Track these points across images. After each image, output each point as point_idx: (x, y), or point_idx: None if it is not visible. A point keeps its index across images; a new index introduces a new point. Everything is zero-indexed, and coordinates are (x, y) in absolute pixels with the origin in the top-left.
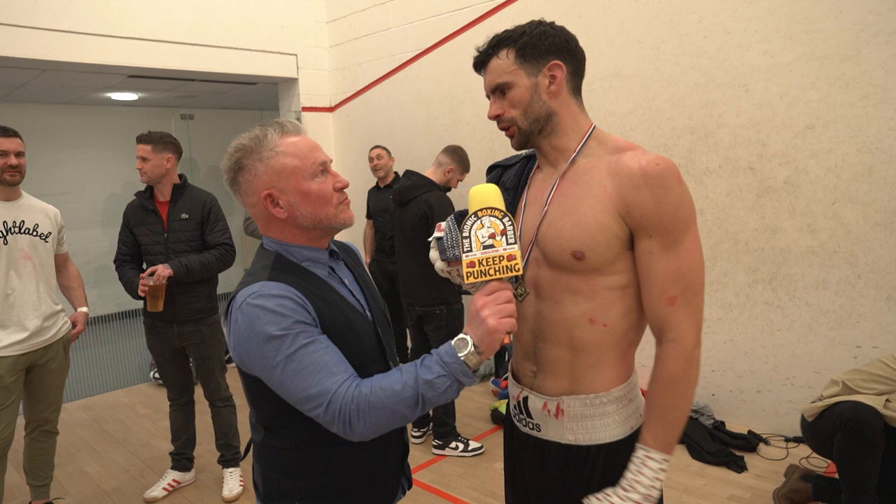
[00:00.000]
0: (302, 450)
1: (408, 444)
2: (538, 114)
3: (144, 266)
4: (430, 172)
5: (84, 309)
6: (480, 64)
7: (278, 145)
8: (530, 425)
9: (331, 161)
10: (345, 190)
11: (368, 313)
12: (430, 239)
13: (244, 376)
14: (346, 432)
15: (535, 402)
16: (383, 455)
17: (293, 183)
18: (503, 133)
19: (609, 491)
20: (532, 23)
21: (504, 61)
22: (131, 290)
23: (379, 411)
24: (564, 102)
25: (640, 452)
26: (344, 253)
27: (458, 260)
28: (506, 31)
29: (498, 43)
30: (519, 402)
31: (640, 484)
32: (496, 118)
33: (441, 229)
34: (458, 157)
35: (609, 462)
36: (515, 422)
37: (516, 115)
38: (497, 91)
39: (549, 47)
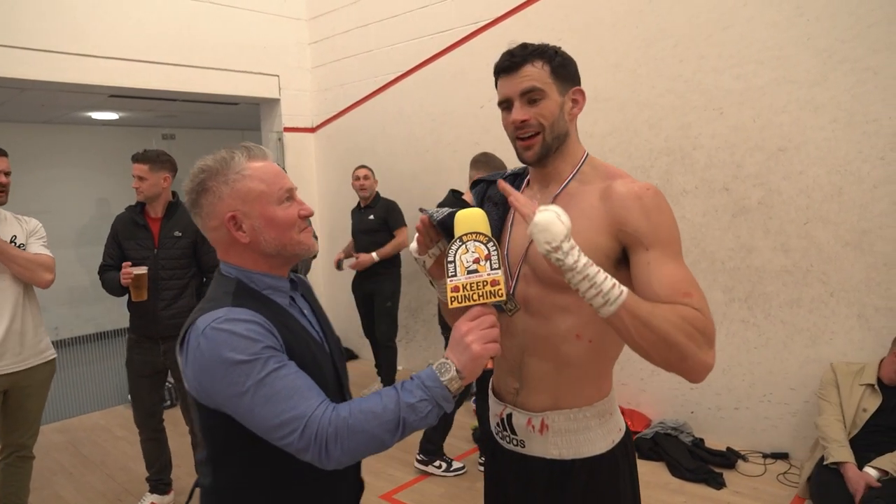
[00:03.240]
0: (250, 490)
1: (363, 482)
2: (560, 132)
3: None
4: (468, 193)
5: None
6: (514, 66)
7: (245, 168)
8: (514, 442)
9: (296, 189)
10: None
11: (326, 346)
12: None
13: (200, 409)
14: (321, 458)
15: (519, 419)
16: (338, 493)
17: (259, 208)
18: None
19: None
20: (554, 46)
21: (541, 71)
22: (114, 287)
23: (358, 435)
24: (574, 128)
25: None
26: (301, 286)
27: (436, 221)
28: (535, 44)
29: (534, 52)
30: (502, 420)
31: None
32: (522, 122)
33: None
34: (482, 164)
35: (592, 475)
36: (498, 439)
37: (546, 125)
38: (526, 97)
39: (574, 73)
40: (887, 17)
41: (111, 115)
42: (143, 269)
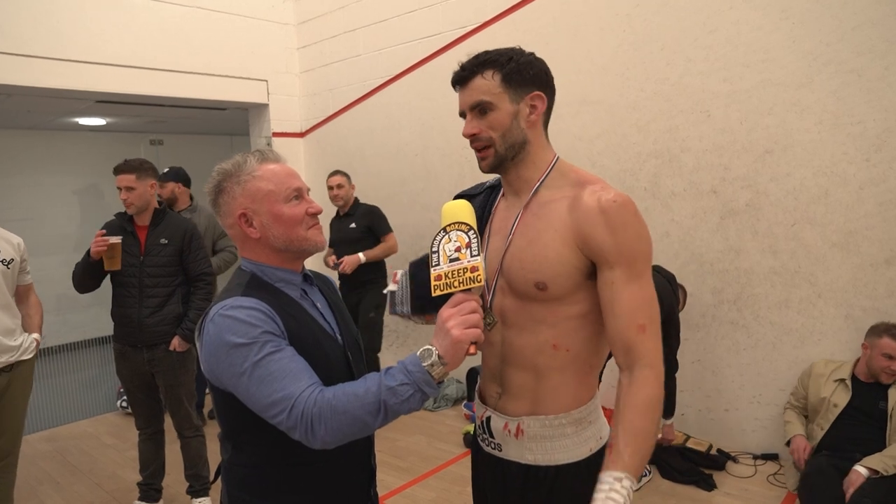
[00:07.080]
0: (266, 468)
1: (374, 468)
2: (515, 140)
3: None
4: None
5: (35, 335)
6: (463, 80)
7: (256, 170)
8: (492, 445)
9: (308, 190)
10: (318, 216)
11: (339, 337)
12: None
13: (214, 390)
14: (308, 438)
15: (496, 422)
16: (349, 477)
17: (266, 205)
18: (472, 159)
19: None
20: (517, 50)
21: (489, 82)
22: (82, 268)
23: (341, 416)
24: (537, 133)
25: (611, 475)
26: (320, 282)
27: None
28: (491, 51)
29: (484, 62)
30: (483, 422)
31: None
32: (472, 136)
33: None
34: None
35: (568, 483)
36: (479, 441)
37: (495, 137)
38: (476, 110)
39: (533, 77)
40: (870, 21)
41: (98, 121)
42: (117, 239)
